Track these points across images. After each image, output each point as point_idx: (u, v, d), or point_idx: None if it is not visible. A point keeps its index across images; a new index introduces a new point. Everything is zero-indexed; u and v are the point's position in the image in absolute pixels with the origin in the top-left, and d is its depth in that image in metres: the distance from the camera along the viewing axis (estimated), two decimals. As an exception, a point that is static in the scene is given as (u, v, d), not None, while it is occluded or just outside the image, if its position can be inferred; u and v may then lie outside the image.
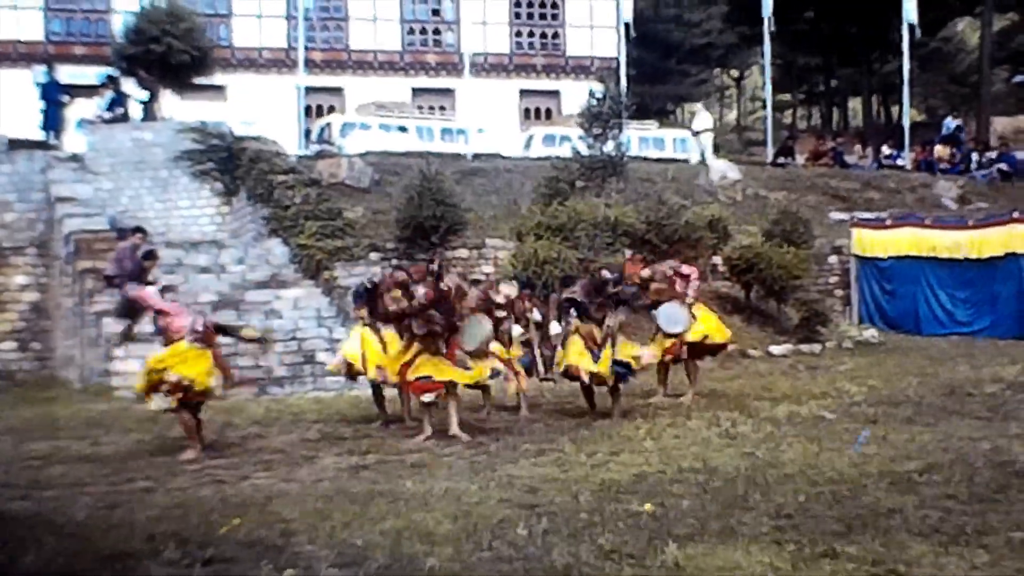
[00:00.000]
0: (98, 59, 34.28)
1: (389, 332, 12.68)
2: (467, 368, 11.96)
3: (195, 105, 31.58)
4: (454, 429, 11.75)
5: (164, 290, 14.16)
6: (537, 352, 14.44)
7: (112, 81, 26.34)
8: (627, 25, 39.41)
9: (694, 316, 14.39)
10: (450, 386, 11.91)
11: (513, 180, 27.18)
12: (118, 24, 32.82)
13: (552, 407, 14.02)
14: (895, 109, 53.40)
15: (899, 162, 35.46)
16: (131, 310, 16.42)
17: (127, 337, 16.54)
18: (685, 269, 14.88)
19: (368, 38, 43.73)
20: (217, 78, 33.21)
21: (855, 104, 64.46)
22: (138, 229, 19.53)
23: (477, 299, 12.88)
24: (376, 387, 13.27)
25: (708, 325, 14.69)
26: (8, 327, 21.07)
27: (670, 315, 14.08)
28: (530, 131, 38.20)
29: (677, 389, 14.70)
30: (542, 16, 45.79)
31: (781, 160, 34.82)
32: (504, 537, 7.09)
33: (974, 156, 34.69)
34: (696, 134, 32.87)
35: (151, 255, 18.55)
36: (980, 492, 8.11)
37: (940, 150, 34.89)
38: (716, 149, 43.54)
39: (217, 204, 23.56)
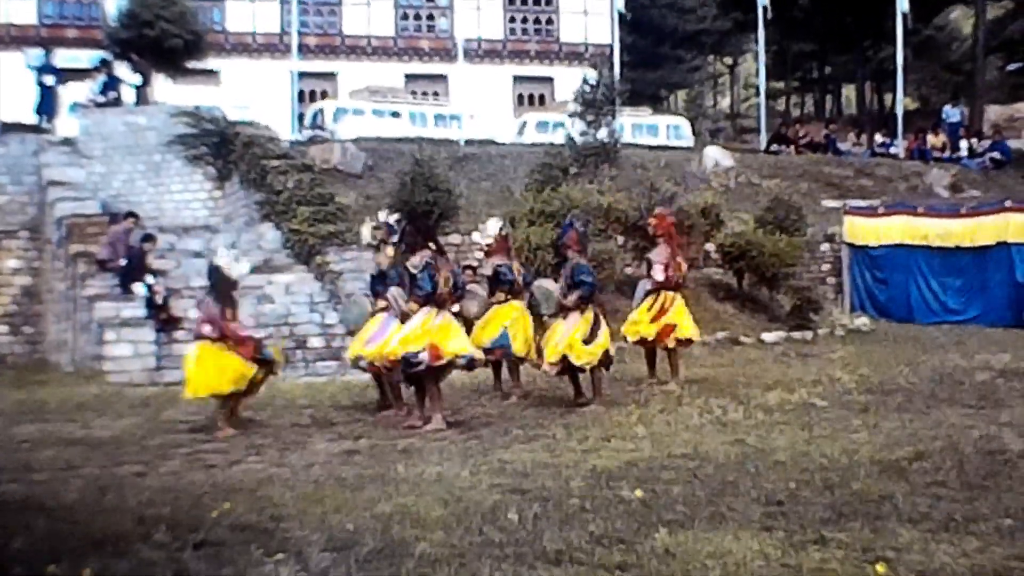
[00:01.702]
0: (91, 43, 34.14)
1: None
2: None
3: (188, 89, 31.53)
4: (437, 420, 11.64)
5: (156, 274, 14.15)
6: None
7: (105, 65, 26.29)
8: (620, 14, 39.41)
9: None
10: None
11: (506, 166, 27.17)
12: (111, 8, 32.70)
13: (544, 393, 14.01)
14: (889, 97, 53.42)
15: (892, 150, 35.51)
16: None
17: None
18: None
19: (362, 23, 43.68)
20: (210, 62, 33.16)
21: (849, 92, 64.50)
22: (131, 214, 19.52)
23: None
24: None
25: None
26: (0, 311, 21.04)
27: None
28: (523, 117, 38.19)
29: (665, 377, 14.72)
30: (536, 2, 45.77)
31: (774, 147, 34.84)
32: (495, 522, 7.09)
33: (963, 144, 34.73)
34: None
35: (149, 238, 18.57)
36: (970, 480, 8.14)
37: (934, 138, 34.94)
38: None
39: (210, 189, 23.51)
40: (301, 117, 36.14)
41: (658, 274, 14.64)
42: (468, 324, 13.07)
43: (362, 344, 12.69)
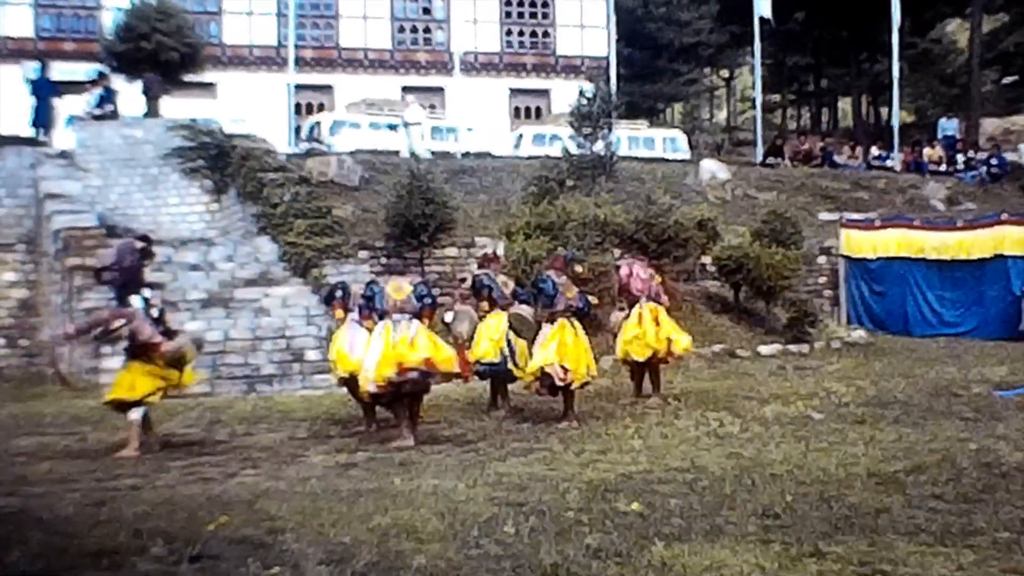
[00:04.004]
0: (88, 56, 34.13)
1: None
2: None
3: (185, 102, 31.52)
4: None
5: (153, 287, 14.14)
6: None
7: (102, 78, 26.28)
8: (617, 26, 39.51)
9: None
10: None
11: (503, 179, 27.18)
12: (108, 21, 32.73)
13: (540, 406, 13.99)
14: (884, 110, 53.48)
15: (888, 163, 35.55)
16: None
17: None
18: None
19: (358, 36, 43.67)
20: (207, 75, 33.12)
21: (845, 104, 64.51)
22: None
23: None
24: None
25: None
26: (-4, 323, 21.02)
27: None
28: (520, 130, 38.18)
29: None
30: (532, 15, 45.77)
31: (770, 160, 34.88)
32: (492, 535, 7.09)
33: (960, 157, 34.79)
34: (407, 125, 32.48)
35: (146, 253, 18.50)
36: (966, 492, 8.14)
37: (930, 151, 35.01)
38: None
39: (207, 201, 23.48)
40: (298, 130, 36.10)
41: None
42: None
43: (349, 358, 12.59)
